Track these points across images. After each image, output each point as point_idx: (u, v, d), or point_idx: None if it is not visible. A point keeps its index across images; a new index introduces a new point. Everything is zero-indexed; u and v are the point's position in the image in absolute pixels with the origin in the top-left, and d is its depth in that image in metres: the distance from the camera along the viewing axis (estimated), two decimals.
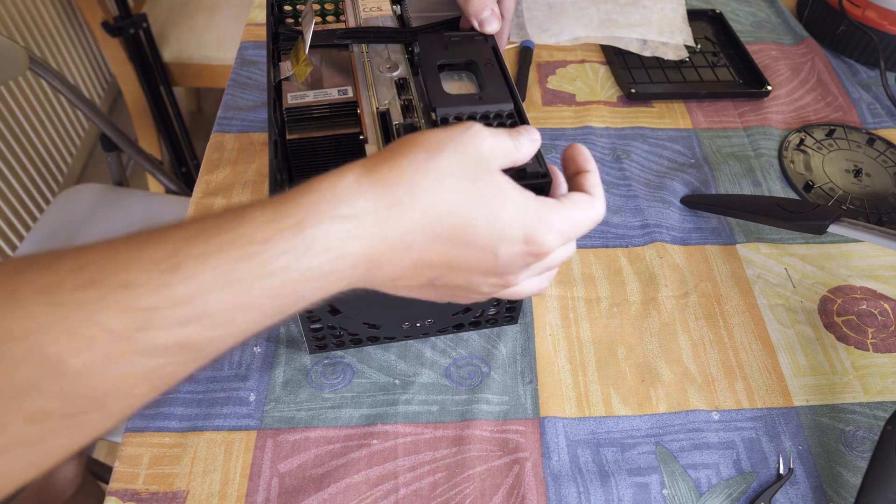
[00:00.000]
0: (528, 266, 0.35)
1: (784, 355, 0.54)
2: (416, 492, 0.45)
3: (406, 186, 0.31)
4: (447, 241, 0.32)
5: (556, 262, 0.38)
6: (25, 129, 1.41)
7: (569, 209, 0.36)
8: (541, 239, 0.34)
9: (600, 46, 0.81)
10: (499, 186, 0.33)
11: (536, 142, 0.38)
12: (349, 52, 0.50)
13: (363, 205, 0.30)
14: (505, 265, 0.34)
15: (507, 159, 0.35)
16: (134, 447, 0.47)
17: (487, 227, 0.32)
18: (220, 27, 1.44)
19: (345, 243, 0.29)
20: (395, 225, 0.30)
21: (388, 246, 0.31)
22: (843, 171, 0.68)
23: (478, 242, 0.33)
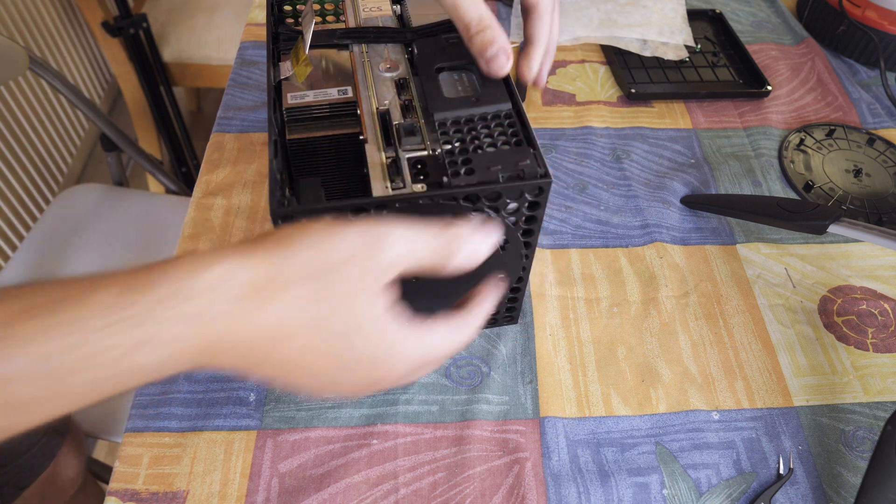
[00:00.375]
0: (371, 384, 0.36)
1: (784, 355, 0.54)
2: (416, 492, 0.45)
3: (269, 299, 0.31)
4: (294, 353, 0.32)
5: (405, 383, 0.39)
6: (25, 129, 1.41)
7: (434, 333, 0.35)
8: (391, 370, 0.35)
9: (600, 46, 0.81)
10: (367, 316, 0.33)
11: (475, 262, 0.36)
12: (349, 52, 0.50)
13: (221, 305, 0.30)
14: (348, 381, 0.35)
15: (427, 269, 0.34)
16: (134, 447, 0.47)
17: (327, 360, 0.33)
18: (220, 27, 1.44)
19: (188, 342, 0.29)
20: (244, 330, 0.31)
21: (231, 344, 0.31)
22: (843, 171, 0.68)
23: (316, 371, 0.33)
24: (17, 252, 0.99)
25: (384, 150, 0.43)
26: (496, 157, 0.41)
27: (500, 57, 0.42)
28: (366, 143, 0.43)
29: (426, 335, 0.35)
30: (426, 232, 0.34)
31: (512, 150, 0.41)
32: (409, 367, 0.35)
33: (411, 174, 0.41)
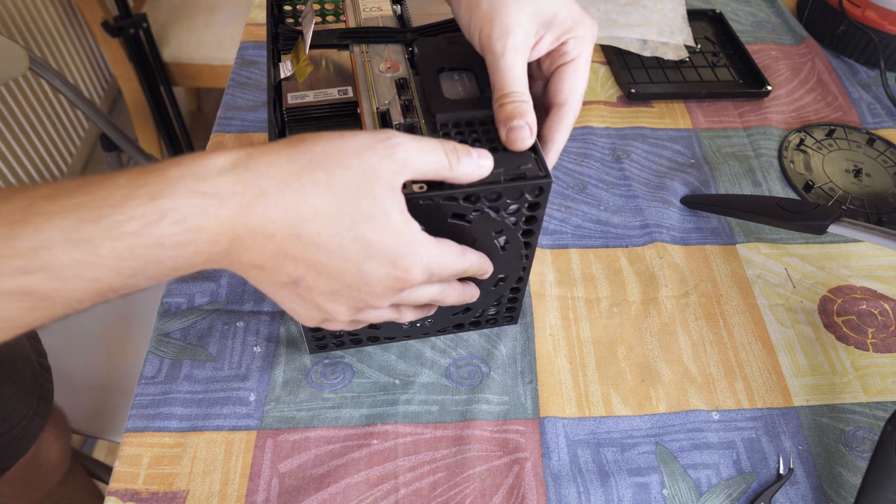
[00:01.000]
0: (392, 291, 0.36)
1: (784, 355, 0.54)
2: (416, 492, 0.45)
3: (275, 183, 0.32)
4: (309, 244, 0.33)
5: (418, 298, 0.39)
6: (25, 129, 1.41)
7: (442, 249, 0.37)
8: (408, 269, 0.35)
9: (600, 46, 0.81)
10: (379, 208, 0.33)
11: (484, 167, 0.38)
12: (349, 52, 0.50)
13: (228, 187, 0.31)
14: (369, 283, 0.35)
15: (433, 174, 0.36)
16: (134, 447, 0.47)
17: (354, 244, 0.33)
18: (220, 27, 1.44)
19: (200, 218, 0.30)
20: (257, 213, 0.31)
21: (249, 231, 0.31)
22: (843, 171, 0.68)
23: (342, 255, 0.33)
24: None
25: None
26: (497, 160, 0.41)
27: (524, 129, 0.40)
28: None
29: (436, 244, 0.37)
30: (428, 141, 0.35)
31: (513, 154, 0.41)
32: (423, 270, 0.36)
33: None
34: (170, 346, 0.52)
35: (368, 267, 0.34)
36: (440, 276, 0.38)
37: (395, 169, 0.34)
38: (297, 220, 0.32)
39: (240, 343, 0.52)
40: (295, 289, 0.35)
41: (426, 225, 0.40)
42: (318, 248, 0.33)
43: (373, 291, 0.36)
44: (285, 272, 0.34)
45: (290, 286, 0.35)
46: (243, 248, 0.32)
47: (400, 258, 0.35)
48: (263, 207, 0.31)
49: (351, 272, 0.34)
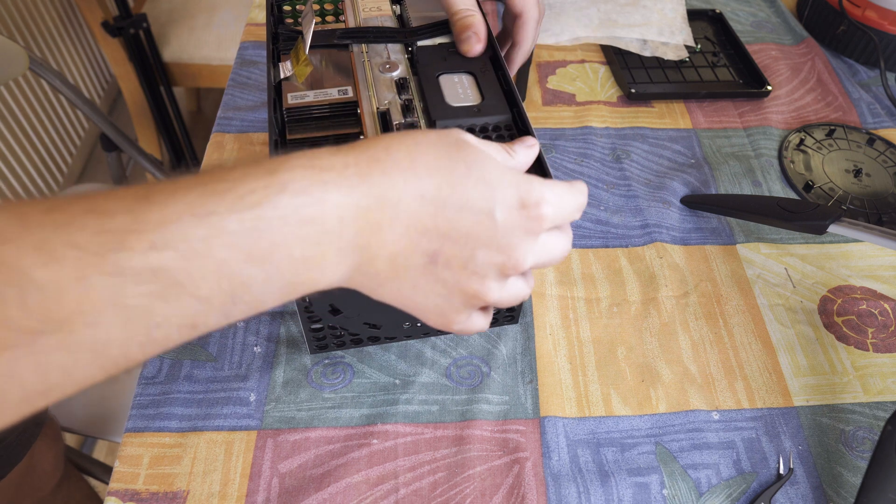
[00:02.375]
0: (529, 236, 0.33)
1: (784, 355, 0.54)
2: (416, 492, 0.45)
3: (383, 149, 0.31)
4: (436, 202, 0.31)
5: (551, 251, 0.35)
6: (25, 129, 1.41)
7: (557, 185, 0.35)
8: (538, 202, 0.33)
9: (600, 46, 0.81)
10: (483, 156, 0.32)
11: (533, 147, 0.38)
12: (349, 52, 0.50)
13: (341, 158, 0.30)
14: (505, 232, 0.32)
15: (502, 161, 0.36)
16: (134, 447, 0.47)
17: (478, 188, 0.31)
18: (220, 27, 1.44)
19: (322, 189, 0.28)
20: (376, 179, 0.30)
21: (373, 200, 0.30)
22: (843, 171, 0.68)
23: (471, 205, 0.31)
24: None
25: None
26: None
27: (472, 38, 0.48)
28: None
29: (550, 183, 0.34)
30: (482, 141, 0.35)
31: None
32: (550, 203, 0.33)
33: None
34: None
35: (499, 211, 0.32)
36: (566, 212, 0.35)
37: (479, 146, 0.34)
38: (415, 178, 0.30)
39: (240, 343, 0.53)
40: (434, 269, 0.32)
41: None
42: (445, 204, 0.31)
43: (512, 244, 0.33)
44: (420, 250, 0.31)
45: (429, 268, 0.32)
46: (372, 228, 0.30)
47: (526, 192, 0.32)
48: (381, 172, 0.30)
49: (485, 225, 0.32)
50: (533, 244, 0.34)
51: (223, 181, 0.27)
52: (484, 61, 0.48)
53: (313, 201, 0.28)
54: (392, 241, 0.31)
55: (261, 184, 0.27)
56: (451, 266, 0.32)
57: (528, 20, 0.53)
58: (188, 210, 0.26)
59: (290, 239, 0.28)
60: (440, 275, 0.33)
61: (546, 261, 0.35)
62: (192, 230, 0.26)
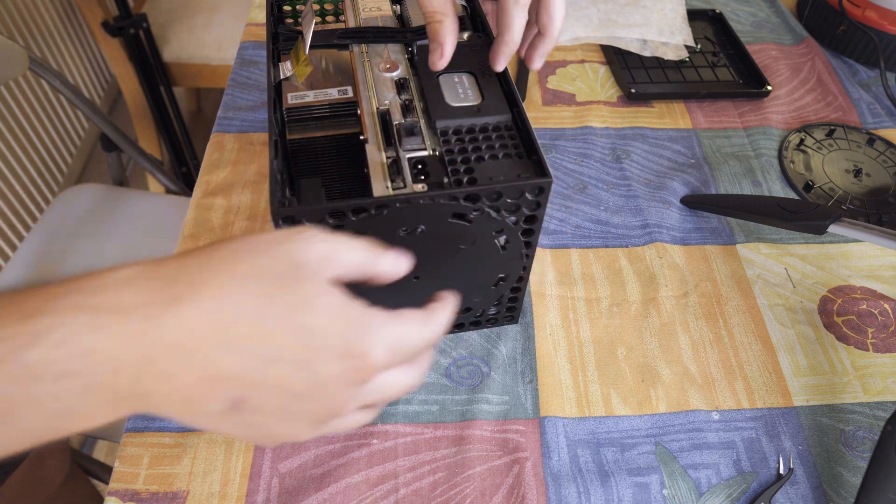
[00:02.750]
0: (352, 387, 0.29)
1: (784, 355, 0.54)
2: (416, 492, 0.45)
3: (187, 285, 0.26)
4: (241, 352, 0.26)
5: (389, 390, 0.32)
6: (25, 129, 1.41)
7: (402, 322, 0.30)
8: (365, 352, 0.28)
9: (600, 46, 0.81)
10: (313, 293, 0.28)
11: (399, 269, 0.33)
12: (349, 52, 0.50)
13: (131, 298, 0.25)
14: (323, 385, 0.28)
15: (355, 272, 0.31)
16: (134, 447, 0.47)
17: (296, 337, 0.27)
18: (220, 27, 1.44)
19: (91, 338, 0.24)
20: (171, 324, 0.25)
21: (163, 349, 0.25)
22: (843, 171, 0.68)
23: (284, 356, 0.27)
24: (18, 252, 0.99)
25: (385, 150, 0.43)
26: (499, 164, 0.41)
27: (435, 52, 0.43)
28: (366, 143, 0.43)
29: (392, 315, 0.30)
30: (342, 235, 0.31)
31: (514, 161, 0.42)
32: (385, 349, 0.29)
33: (412, 174, 0.41)
34: None
35: (318, 363, 0.28)
36: (408, 352, 0.31)
37: (317, 258, 0.29)
38: (221, 326, 0.26)
39: None
40: (239, 415, 0.28)
41: (427, 226, 0.40)
42: (253, 354, 0.26)
43: (331, 395, 0.29)
44: (219, 396, 0.27)
45: (232, 413, 0.28)
46: (159, 376, 0.25)
47: (353, 340, 0.28)
48: (175, 316, 0.25)
49: (298, 376, 0.28)
50: (358, 391, 0.30)
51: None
52: (484, 61, 0.48)
53: (77, 354, 0.24)
54: (185, 387, 0.26)
55: (5, 333, 0.23)
56: (260, 411, 0.28)
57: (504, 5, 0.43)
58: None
59: (40, 396, 0.24)
60: (245, 418, 0.28)
61: (380, 400, 0.32)
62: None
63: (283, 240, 0.28)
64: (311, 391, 0.28)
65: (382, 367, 0.30)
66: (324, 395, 0.29)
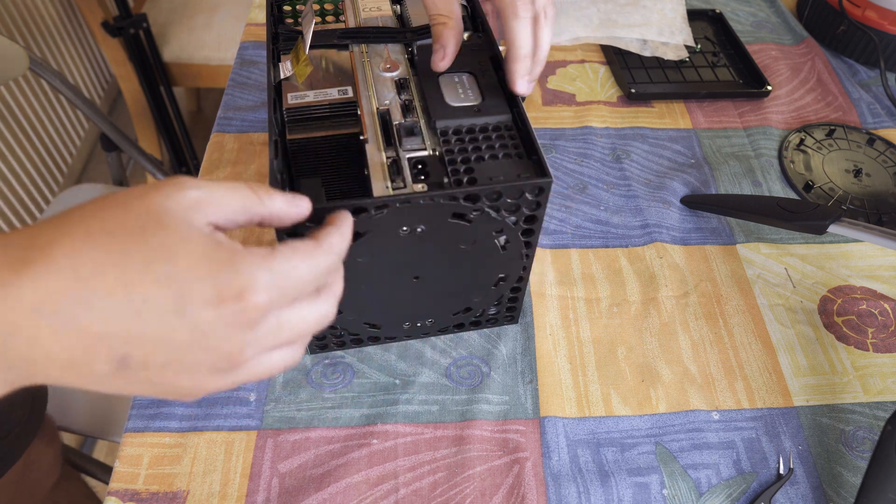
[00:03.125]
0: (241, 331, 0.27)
1: (784, 355, 0.54)
2: (416, 491, 0.45)
3: (39, 248, 0.25)
4: (107, 308, 0.25)
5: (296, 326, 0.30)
6: (25, 129, 1.41)
7: (283, 256, 0.28)
8: (240, 293, 0.26)
9: (600, 46, 0.81)
10: (173, 240, 0.26)
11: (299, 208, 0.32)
12: (349, 52, 0.50)
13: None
14: (208, 333, 0.26)
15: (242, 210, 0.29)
16: (134, 447, 0.47)
17: (159, 287, 0.25)
18: (220, 27, 1.44)
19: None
20: (25, 287, 0.24)
21: (21, 314, 0.24)
22: (843, 171, 0.68)
23: (151, 306, 0.25)
24: None
25: (384, 150, 0.43)
26: (499, 164, 0.41)
27: (438, 53, 0.45)
28: (366, 143, 0.43)
29: (270, 250, 0.28)
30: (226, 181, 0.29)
31: (514, 161, 0.42)
32: (267, 285, 0.27)
33: (412, 174, 0.41)
34: None
35: (192, 312, 0.26)
36: (300, 286, 0.29)
37: (186, 205, 0.27)
38: (79, 283, 0.25)
39: None
40: (130, 372, 0.27)
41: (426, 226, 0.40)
42: (120, 308, 0.25)
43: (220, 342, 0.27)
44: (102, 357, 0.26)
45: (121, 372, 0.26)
46: (29, 342, 0.25)
47: (224, 283, 0.26)
48: (31, 280, 0.24)
49: (176, 328, 0.26)
50: (252, 335, 0.28)
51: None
52: (484, 61, 0.48)
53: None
54: (61, 349, 0.25)
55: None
56: (149, 367, 0.27)
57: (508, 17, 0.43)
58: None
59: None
60: (139, 375, 0.27)
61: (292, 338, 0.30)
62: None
63: (143, 193, 0.27)
64: (194, 340, 0.27)
65: (269, 306, 0.28)
66: (211, 344, 0.27)
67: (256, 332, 0.28)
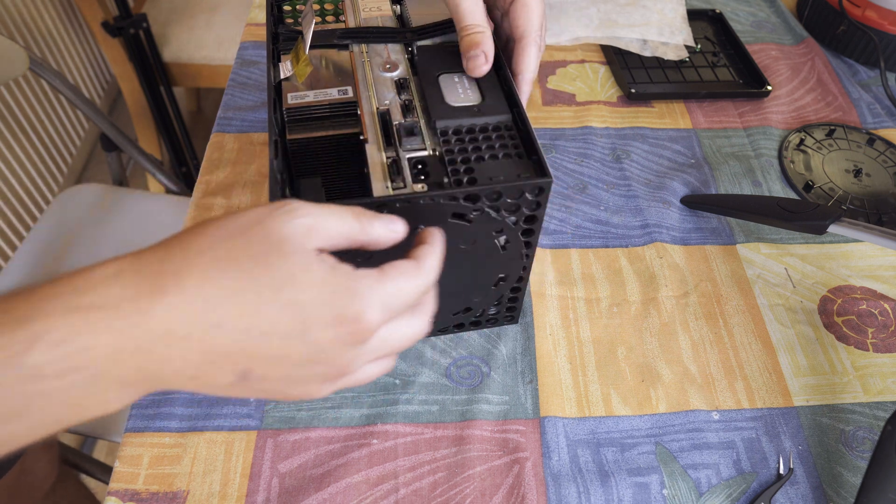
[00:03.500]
0: (353, 347, 0.30)
1: (784, 355, 0.54)
2: (416, 492, 0.45)
3: (171, 275, 0.27)
4: (235, 330, 0.28)
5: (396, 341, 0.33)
6: (25, 129, 1.41)
7: (391, 279, 0.31)
8: (357, 316, 0.29)
9: (600, 46, 0.81)
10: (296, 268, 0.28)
11: (396, 233, 0.34)
12: (349, 52, 0.50)
13: (119, 292, 0.26)
14: (323, 351, 0.30)
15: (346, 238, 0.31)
16: (134, 447, 0.47)
17: (286, 312, 0.28)
18: (220, 27, 1.44)
19: (86, 336, 0.25)
20: (160, 314, 0.26)
21: (156, 337, 0.26)
22: (843, 171, 0.68)
23: (277, 330, 0.28)
24: (17, 252, 0.99)
25: (384, 150, 0.43)
26: (500, 164, 0.41)
27: (479, 58, 0.45)
28: (366, 144, 0.43)
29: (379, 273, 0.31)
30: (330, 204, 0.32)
31: (514, 161, 0.42)
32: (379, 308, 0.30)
33: (412, 174, 0.41)
34: None
35: (313, 334, 0.29)
36: (404, 305, 0.32)
37: (301, 232, 0.29)
38: (209, 309, 0.27)
39: None
40: (248, 384, 0.30)
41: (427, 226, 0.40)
42: (246, 331, 0.28)
43: (334, 358, 0.30)
44: (226, 371, 0.29)
45: (241, 384, 0.30)
46: (160, 361, 0.27)
47: (343, 307, 0.29)
48: (165, 306, 0.26)
49: (296, 348, 0.29)
50: (361, 350, 0.31)
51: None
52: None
53: (75, 351, 0.25)
54: (189, 366, 0.28)
55: (3, 341, 0.24)
56: (267, 380, 0.30)
57: (529, 44, 0.46)
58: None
59: (49, 392, 0.25)
60: (256, 386, 0.30)
61: (391, 351, 0.33)
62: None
63: (263, 218, 0.29)
64: (311, 358, 0.30)
65: (379, 325, 0.31)
66: (326, 359, 0.30)
67: (365, 347, 0.31)
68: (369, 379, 0.34)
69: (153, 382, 0.28)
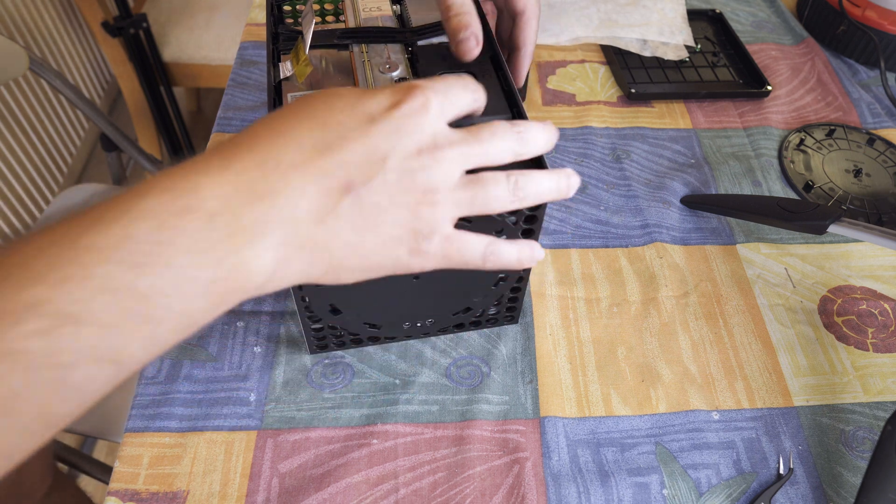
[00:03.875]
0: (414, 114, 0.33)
1: (784, 355, 0.54)
2: (416, 492, 0.45)
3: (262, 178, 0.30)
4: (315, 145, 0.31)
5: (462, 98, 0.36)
6: (25, 129, 1.41)
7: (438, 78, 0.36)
8: (405, 86, 0.33)
9: (600, 46, 0.81)
10: (347, 90, 0.33)
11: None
12: (349, 52, 0.50)
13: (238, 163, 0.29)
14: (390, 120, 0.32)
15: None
16: (134, 447, 0.47)
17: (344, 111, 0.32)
18: (220, 27, 1.44)
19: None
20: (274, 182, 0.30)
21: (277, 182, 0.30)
22: (843, 171, 0.68)
23: (350, 126, 0.32)
24: None
25: None
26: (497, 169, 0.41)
27: (470, 41, 0.44)
28: None
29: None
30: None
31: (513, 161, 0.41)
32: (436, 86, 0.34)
33: None
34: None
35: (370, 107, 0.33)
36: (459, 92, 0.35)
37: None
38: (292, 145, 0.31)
39: (240, 343, 0.53)
40: (360, 200, 0.32)
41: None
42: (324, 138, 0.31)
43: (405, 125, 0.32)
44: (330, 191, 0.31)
45: (355, 203, 0.32)
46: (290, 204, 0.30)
47: (393, 87, 0.33)
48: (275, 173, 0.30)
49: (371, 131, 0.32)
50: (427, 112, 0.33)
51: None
52: (484, 61, 0.48)
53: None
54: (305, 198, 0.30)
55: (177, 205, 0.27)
56: (373, 185, 0.32)
57: (531, 18, 0.49)
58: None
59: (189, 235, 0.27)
60: (368, 200, 0.32)
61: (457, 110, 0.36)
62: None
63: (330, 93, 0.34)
64: (384, 124, 0.32)
65: (430, 88, 0.33)
66: (396, 127, 0.32)
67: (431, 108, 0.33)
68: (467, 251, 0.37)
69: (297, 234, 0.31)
